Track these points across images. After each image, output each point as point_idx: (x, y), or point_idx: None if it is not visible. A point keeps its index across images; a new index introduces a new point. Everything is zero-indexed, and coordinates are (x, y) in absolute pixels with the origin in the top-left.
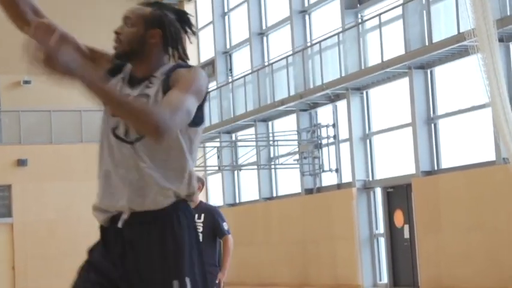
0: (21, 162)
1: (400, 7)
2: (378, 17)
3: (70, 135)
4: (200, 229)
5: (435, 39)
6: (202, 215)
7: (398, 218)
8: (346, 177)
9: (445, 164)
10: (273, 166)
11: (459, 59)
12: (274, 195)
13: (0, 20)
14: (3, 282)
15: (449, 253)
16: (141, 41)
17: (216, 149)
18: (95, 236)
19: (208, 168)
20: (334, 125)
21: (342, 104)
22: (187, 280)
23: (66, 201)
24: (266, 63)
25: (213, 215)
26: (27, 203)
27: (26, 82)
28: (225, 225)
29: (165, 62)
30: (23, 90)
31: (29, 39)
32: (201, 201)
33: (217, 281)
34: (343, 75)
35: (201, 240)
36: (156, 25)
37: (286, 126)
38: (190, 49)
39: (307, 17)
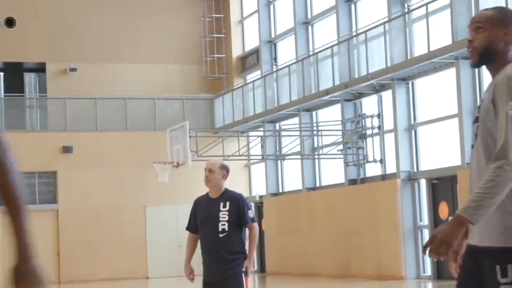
0: (66, 149)
1: None
2: (425, 7)
3: (115, 123)
4: (226, 218)
5: None
6: (228, 203)
7: (443, 209)
8: (391, 168)
9: None
10: (316, 156)
11: None
12: (318, 185)
13: (48, 10)
14: (48, 268)
15: None
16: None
17: (259, 138)
18: (137, 223)
19: (251, 157)
20: (379, 116)
21: (387, 95)
22: None
23: (110, 189)
24: (311, 53)
25: (238, 203)
26: (72, 190)
27: (72, 70)
28: (251, 213)
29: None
30: (69, 77)
31: None
32: (226, 189)
33: (243, 269)
34: (388, 65)
35: (227, 229)
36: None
37: (330, 116)
38: (235, 37)
39: (352, 6)
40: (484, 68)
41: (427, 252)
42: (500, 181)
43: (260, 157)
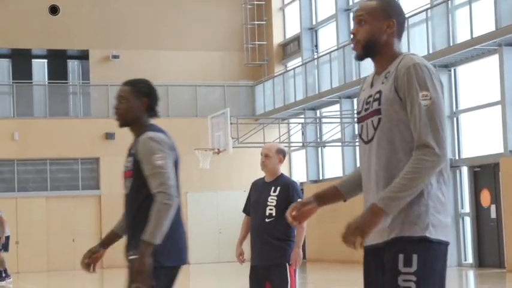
0: (109, 136)
1: None
2: None
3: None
4: (274, 202)
5: None
6: (278, 188)
7: (485, 197)
8: None
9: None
10: (357, 143)
11: None
12: None
13: None
14: None
15: None
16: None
17: (300, 125)
18: None
19: (292, 144)
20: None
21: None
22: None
23: None
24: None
25: (288, 190)
26: (114, 176)
27: (115, 57)
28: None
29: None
30: (111, 64)
31: None
32: (282, 174)
33: (290, 261)
34: (430, 52)
35: (274, 214)
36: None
37: None
38: (276, 24)
39: None
40: None
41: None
42: (421, 172)
43: (301, 144)
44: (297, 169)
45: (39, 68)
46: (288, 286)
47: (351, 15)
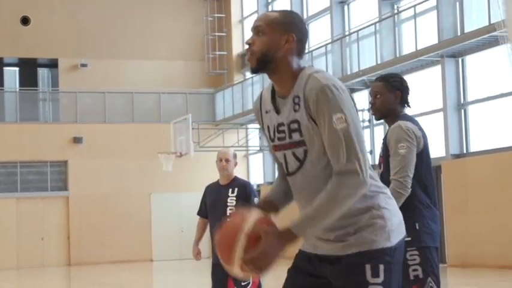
0: (77, 140)
1: None
2: (413, 8)
3: (122, 115)
4: (233, 203)
5: (467, 30)
6: (236, 189)
7: None
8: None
9: (473, 147)
10: None
11: (489, 48)
12: None
13: (61, 10)
14: (59, 251)
15: (476, 232)
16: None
17: (257, 130)
18: (142, 209)
19: (250, 148)
20: (369, 110)
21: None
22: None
23: (118, 177)
24: (306, 51)
25: (245, 190)
26: (82, 178)
27: (83, 65)
28: (256, 200)
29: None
30: (80, 72)
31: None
32: (235, 177)
33: None
34: (378, 62)
35: None
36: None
37: None
38: (235, 36)
39: (346, 7)
40: (467, 65)
41: None
42: (342, 199)
43: (258, 148)
44: (255, 171)
45: (11, 75)
46: (251, 280)
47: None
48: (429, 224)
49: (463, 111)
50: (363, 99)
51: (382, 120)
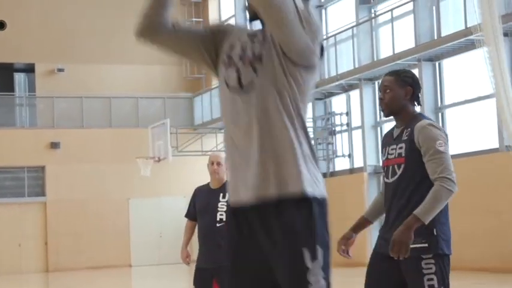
0: (54, 145)
1: (411, 3)
2: (390, 12)
3: (100, 120)
4: (224, 208)
5: (443, 34)
6: (227, 194)
7: None
8: (358, 162)
9: (451, 150)
10: None
11: (466, 52)
12: None
13: (37, 14)
14: (37, 257)
15: (455, 234)
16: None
17: None
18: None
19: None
20: (347, 113)
21: (354, 94)
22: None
23: (96, 182)
24: None
25: None
26: (59, 183)
27: (60, 70)
28: None
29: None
30: (56, 77)
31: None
32: (226, 181)
33: None
34: (356, 66)
35: (224, 218)
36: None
37: None
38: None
39: (323, 11)
40: (444, 69)
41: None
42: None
43: None
44: None
45: None
46: None
47: None
48: (445, 230)
49: (440, 114)
50: (341, 103)
51: (359, 124)
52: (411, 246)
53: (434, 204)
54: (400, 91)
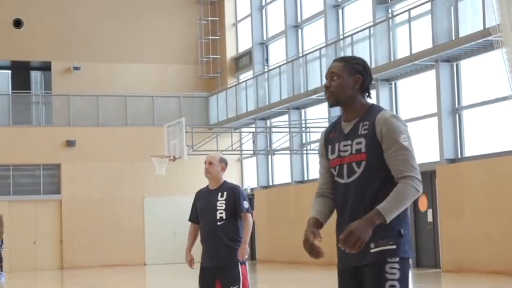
0: (70, 143)
1: (429, 3)
2: (407, 12)
3: (115, 119)
4: (223, 206)
5: (461, 34)
6: (225, 193)
7: (423, 202)
8: None
9: (468, 152)
10: (304, 151)
11: (484, 53)
12: (306, 178)
13: (54, 12)
14: (52, 254)
15: (470, 237)
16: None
17: (251, 134)
18: (136, 213)
19: (243, 152)
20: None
21: (371, 94)
22: None
23: (111, 181)
24: (300, 54)
25: (234, 193)
26: (74, 182)
27: (76, 68)
28: (245, 204)
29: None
30: (73, 76)
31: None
32: (225, 181)
33: (238, 257)
34: (373, 66)
35: (224, 217)
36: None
37: (318, 114)
38: (229, 39)
39: (340, 11)
40: (462, 70)
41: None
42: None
43: (252, 152)
44: (248, 176)
45: (3, 78)
46: (240, 282)
47: (300, 31)
48: (409, 231)
49: (457, 115)
50: None
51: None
52: (379, 249)
53: (400, 204)
54: (348, 79)
